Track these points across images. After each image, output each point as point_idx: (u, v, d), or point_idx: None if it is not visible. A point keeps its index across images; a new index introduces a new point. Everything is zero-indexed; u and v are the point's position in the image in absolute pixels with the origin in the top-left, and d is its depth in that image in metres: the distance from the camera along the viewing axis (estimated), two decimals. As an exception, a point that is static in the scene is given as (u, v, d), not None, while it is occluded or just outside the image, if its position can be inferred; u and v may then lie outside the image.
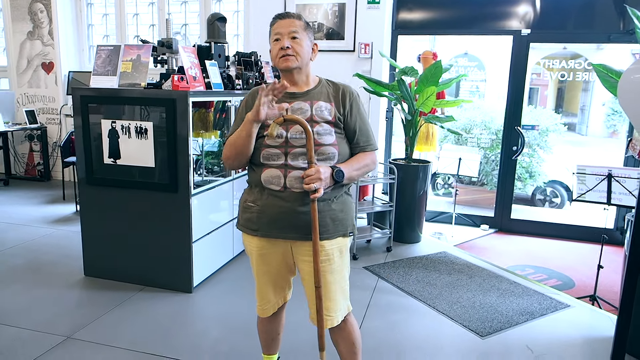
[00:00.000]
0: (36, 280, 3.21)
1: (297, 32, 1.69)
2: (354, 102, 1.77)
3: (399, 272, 3.56)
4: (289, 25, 1.69)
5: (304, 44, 1.71)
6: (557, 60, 5.79)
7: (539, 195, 6.56)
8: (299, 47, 1.69)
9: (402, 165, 4.15)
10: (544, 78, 7.08)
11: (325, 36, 4.82)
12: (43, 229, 4.26)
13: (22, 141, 6.27)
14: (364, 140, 1.79)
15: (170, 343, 2.51)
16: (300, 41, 1.70)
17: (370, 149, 1.81)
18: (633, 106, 1.54)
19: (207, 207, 3.21)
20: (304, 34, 1.71)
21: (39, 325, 2.63)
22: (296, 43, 1.69)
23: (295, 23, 1.70)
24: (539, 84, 8.62)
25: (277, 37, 1.70)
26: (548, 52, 7.18)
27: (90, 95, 3.01)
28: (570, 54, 6.96)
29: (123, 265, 3.18)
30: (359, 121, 1.78)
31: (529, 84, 7.97)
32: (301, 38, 1.70)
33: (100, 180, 3.10)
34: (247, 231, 1.79)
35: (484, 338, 2.65)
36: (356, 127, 1.77)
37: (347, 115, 1.75)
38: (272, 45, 1.71)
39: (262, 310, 1.90)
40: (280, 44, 1.68)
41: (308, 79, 1.77)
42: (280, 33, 1.69)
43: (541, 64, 6.01)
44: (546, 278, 3.76)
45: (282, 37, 1.68)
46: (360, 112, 1.79)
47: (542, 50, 7.50)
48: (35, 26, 5.96)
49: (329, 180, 1.65)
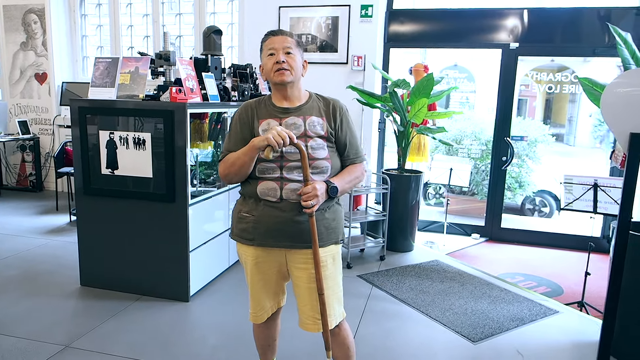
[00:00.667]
0: (32, 290, 3.22)
1: (291, 47, 1.77)
2: (343, 116, 1.85)
3: (393, 280, 3.62)
4: (283, 41, 1.77)
5: (297, 59, 1.79)
6: (544, 72, 5.94)
7: (528, 204, 6.68)
8: (293, 61, 1.76)
9: (394, 176, 4.23)
10: (532, 90, 7.25)
11: (319, 49, 4.92)
12: (37, 240, 4.26)
13: (14, 152, 6.26)
14: (354, 153, 1.87)
15: (168, 351, 2.54)
16: (294, 56, 1.78)
17: (359, 161, 1.89)
18: (615, 119, 1.63)
19: (204, 217, 3.25)
20: (296, 50, 1.80)
21: (36, 335, 2.64)
22: (290, 58, 1.76)
23: (288, 40, 1.78)
24: (527, 95, 8.79)
25: (271, 52, 1.77)
26: (536, 64, 7.36)
27: (89, 107, 3.06)
28: (558, 66, 7.13)
29: (120, 275, 3.21)
30: (349, 135, 1.85)
31: (517, 95, 8.16)
32: (294, 54, 1.78)
33: (97, 191, 3.13)
34: (242, 241, 1.84)
35: (475, 343, 2.71)
36: (347, 140, 1.85)
37: (338, 130, 1.82)
38: (266, 60, 1.78)
39: (256, 317, 1.95)
40: (276, 58, 1.75)
41: (300, 94, 1.84)
42: (275, 48, 1.76)
43: (529, 76, 6.16)
44: (536, 285, 3.85)
45: (277, 52, 1.75)
46: (349, 126, 1.87)
47: (530, 62, 7.68)
48: (29, 37, 5.99)
49: (324, 196, 1.73)
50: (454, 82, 7.23)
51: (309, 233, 1.75)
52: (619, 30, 2.47)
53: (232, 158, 1.78)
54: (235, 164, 1.75)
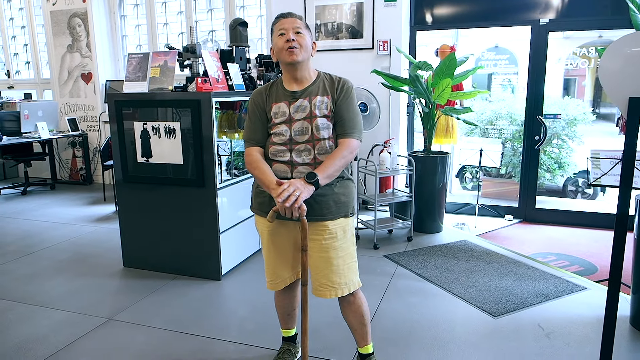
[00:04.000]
0: (80, 271, 3.52)
1: (300, 28, 1.87)
2: (345, 92, 1.91)
3: (418, 259, 3.67)
4: (292, 22, 1.87)
5: (307, 38, 1.89)
6: (592, 48, 5.71)
7: (570, 186, 6.48)
8: (302, 40, 1.86)
9: (420, 157, 4.26)
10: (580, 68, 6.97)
11: (345, 35, 4.98)
12: (86, 227, 4.60)
13: (65, 148, 6.72)
14: (347, 127, 1.89)
15: (201, 323, 2.73)
16: (304, 36, 1.88)
17: (349, 136, 1.89)
18: (613, 83, 1.63)
19: (233, 200, 3.42)
20: (305, 31, 1.90)
21: (84, 309, 2.91)
22: (300, 37, 1.86)
23: (297, 21, 1.88)
24: (576, 74, 8.46)
25: (282, 32, 1.87)
26: (583, 42, 7.07)
27: (124, 100, 3.28)
28: (607, 42, 6.81)
29: (158, 256, 3.44)
30: (345, 109, 1.89)
31: (563, 74, 7.85)
32: (304, 33, 1.88)
33: (135, 178, 3.36)
34: (260, 213, 1.98)
35: (496, 318, 2.74)
36: (342, 113, 1.89)
37: (337, 102, 1.89)
38: (277, 39, 1.88)
39: (273, 284, 2.08)
40: (286, 37, 1.85)
41: (309, 74, 1.93)
42: (285, 28, 1.86)
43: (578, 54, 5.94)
44: (568, 264, 3.79)
45: (287, 32, 1.85)
46: (349, 102, 1.91)
47: (577, 40, 7.39)
48: (74, 39, 6.38)
49: (306, 186, 1.75)
50: (493, 64, 7.08)
51: (318, 207, 1.87)
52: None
53: (255, 165, 1.87)
54: (256, 174, 1.88)
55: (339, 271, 1.93)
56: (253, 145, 1.94)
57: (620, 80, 1.60)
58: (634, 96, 1.58)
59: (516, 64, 7.45)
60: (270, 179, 1.82)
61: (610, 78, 1.63)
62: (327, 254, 1.91)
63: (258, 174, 1.86)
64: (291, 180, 1.78)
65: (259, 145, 1.94)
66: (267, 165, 1.88)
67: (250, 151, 1.93)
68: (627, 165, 1.63)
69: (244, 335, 2.59)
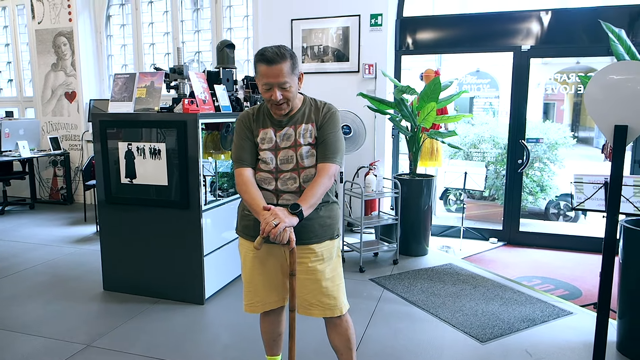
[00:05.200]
0: (58, 295, 3.40)
1: (286, 80, 1.75)
2: (330, 117, 1.88)
3: (404, 283, 3.65)
4: (277, 75, 1.73)
5: (294, 87, 1.80)
6: (572, 74, 5.85)
7: (552, 209, 6.57)
8: (289, 93, 1.79)
9: (406, 180, 4.27)
10: (559, 93, 7.14)
11: (330, 58, 5.04)
12: (65, 248, 4.48)
13: (46, 167, 6.59)
14: (328, 152, 1.85)
15: (183, 349, 2.65)
16: (290, 87, 1.78)
17: (331, 161, 1.85)
18: (599, 111, 1.67)
19: (217, 223, 3.38)
20: (292, 78, 1.77)
21: (61, 335, 2.80)
22: (286, 91, 1.77)
23: (283, 71, 1.73)
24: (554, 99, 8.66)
25: (267, 86, 1.77)
26: (561, 67, 7.23)
27: (109, 120, 3.24)
28: (584, 68, 7.00)
29: (139, 279, 3.36)
30: (328, 134, 1.86)
31: (542, 99, 8.04)
32: (291, 84, 1.77)
33: (117, 199, 3.30)
34: (245, 237, 1.95)
35: (484, 343, 2.72)
36: (325, 137, 1.86)
37: (321, 127, 1.87)
38: (263, 90, 1.79)
39: (252, 307, 2.03)
40: (272, 95, 1.76)
41: (295, 104, 1.88)
42: (271, 83, 1.75)
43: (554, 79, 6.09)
44: (553, 288, 3.80)
45: (273, 89, 1.75)
46: (332, 127, 1.87)
47: (555, 66, 7.57)
48: (59, 58, 6.33)
49: (287, 217, 1.68)
50: (475, 87, 7.22)
51: (304, 231, 1.85)
52: (612, 27, 2.48)
53: (245, 189, 1.83)
54: (245, 198, 1.83)
55: (328, 292, 1.91)
56: (244, 166, 1.89)
57: (606, 109, 1.63)
58: (620, 124, 1.61)
59: (497, 87, 7.62)
60: (257, 204, 1.78)
61: (596, 106, 1.66)
62: (315, 276, 1.89)
63: (247, 198, 1.83)
64: (275, 208, 1.71)
65: (250, 167, 1.90)
66: (257, 189, 1.85)
67: (240, 172, 1.88)
68: (614, 191, 1.64)
69: (227, 363, 2.52)
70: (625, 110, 1.59)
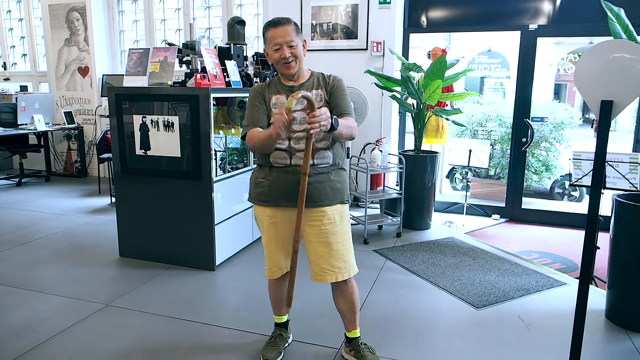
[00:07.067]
0: (77, 260, 3.59)
1: (293, 39, 1.96)
2: (337, 83, 2.06)
3: (406, 254, 3.80)
4: (284, 34, 1.95)
5: (299, 48, 2.00)
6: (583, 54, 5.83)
7: (557, 188, 6.63)
8: (296, 51, 1.99)
9: (411, 156, 4.38)
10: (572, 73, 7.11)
11: (339, 36, 5.09)
12: (81, 218, 4.67)
13: (61, 140, 6.77)
14: (347, 109, 2.03)
15: (194, 310, 2.83)
16: (297, 47, 1.98)
17: (349, 115, 2.01)
18: (587, 87, 1.76)
19: (228, 194, 3.52)
20: (297, 39, 1.98)
21: (82, 295, 3.00)
22: (294, 50, 1.98)
23: (289, 31, 1.96)
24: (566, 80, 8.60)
25: (276, 47, 1.96)
26: (574, 47, 7.20)
27: (124, 94, 3.37)
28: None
29: (153, 246, 3.53)
30: (339, 96, 2.03)
31: (554, 79, 8.00)
32: (297, 43, 1.98)
33: (132, 170, 3.45)
34: (259, 203, 2.09)
35: (479, 309, 2.87)
36: (337, 101, 2.03)
37: (331, 93, 2.04)
38: (272, 52, 1.99)
39: (271, 272, 2.19)
40: (282, 54, 1.96)
41: (303, 72, 2.07)
42: (279, 43, 1.95)
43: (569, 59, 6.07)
44: (550, 262, 3.93)
45: (282, 47, 1.96)
46: (342, 91, 2.05)
47: (568, 46, 7.53)
48: (72, 33, 6.44)
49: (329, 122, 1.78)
50: (486, 67, 7.22)
51: (317, 194, 1.98)
52: (611, 5, 2.53)
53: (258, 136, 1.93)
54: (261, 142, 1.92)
55: (339, 255, 2.05)
56: (254, 127, 2.00)
57: (594, 84, 1.73)
58: (606, 99, 1.71)
59: (508, 67, 7.60)
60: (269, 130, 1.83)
61: (585, 81, 1.75)
62: (327, 239, 2.03)
63: (260, 136, 1.90)
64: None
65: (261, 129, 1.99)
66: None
67: (250, 131, 1.99)
68: (598, 165, 1.75)
69: (237, 322, 2.69)
70: (612, 87, 1.69)
